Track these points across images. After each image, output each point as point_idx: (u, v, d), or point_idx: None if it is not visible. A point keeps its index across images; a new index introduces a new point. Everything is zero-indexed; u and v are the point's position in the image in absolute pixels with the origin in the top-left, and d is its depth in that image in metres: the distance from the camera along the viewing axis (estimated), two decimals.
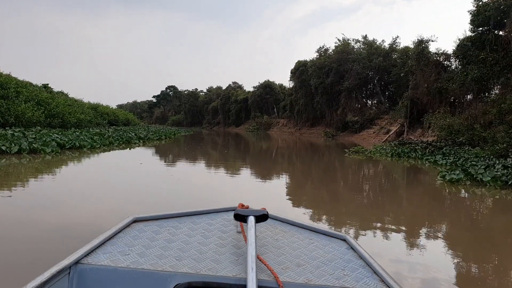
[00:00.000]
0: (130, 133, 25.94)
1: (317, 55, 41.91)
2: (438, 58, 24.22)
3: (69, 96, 36.34)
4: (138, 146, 20.24)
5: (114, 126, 40.06)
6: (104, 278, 1.40)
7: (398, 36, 40.29)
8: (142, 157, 16.34)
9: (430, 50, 24.91)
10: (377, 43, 36.82)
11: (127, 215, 1.93)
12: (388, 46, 36.45)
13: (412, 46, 33.85)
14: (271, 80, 64.26)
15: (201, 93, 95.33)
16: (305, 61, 45.57)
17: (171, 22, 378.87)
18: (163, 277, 1.40)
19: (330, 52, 40.15)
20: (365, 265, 1.54)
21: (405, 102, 27.04)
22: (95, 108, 37.21)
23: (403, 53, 33.84)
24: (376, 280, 1.42)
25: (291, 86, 53.34)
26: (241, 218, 1.69)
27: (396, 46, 36.21)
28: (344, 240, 1.80)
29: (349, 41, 38.28)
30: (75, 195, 7.25)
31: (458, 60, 22.97)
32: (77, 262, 1.43)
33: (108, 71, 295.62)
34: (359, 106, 36.36)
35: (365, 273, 1.48)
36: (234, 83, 78.86)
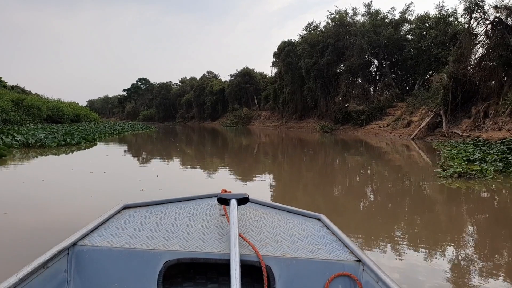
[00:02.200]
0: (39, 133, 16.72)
1: (305, 34, 33.39)
2: (500, 13, 16.04)
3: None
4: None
5: (54, 124, 30.72)
6: (100, 258, 1.50)
7: (412, 3, 31.95)
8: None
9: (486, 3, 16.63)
10: (384, 12, 28.61)
11: None
12: (399, 15, 28.33)
13: (435, 12, 26.01)
14: (250, 67, 55.52)
15: (174, 86, 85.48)
16: (292, 40, 37.03)
17: (146, 14, 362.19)
18: (154, 255, 1.49)
19: (322, 29, 31.70)
20: (337, 240, 1.66)
21: (444, 81, 18.90)
22: (21, 101, 27.55)
23: (420, 22, 25.73)
24: (346, 252, 1.55)
25: (274, 73, 44.77)
26: (224, 201, 1.77)
27: (408, 15, 28.18)
28: (319, 219, 1.91)
29: (347, 12, 29.90)
30: None
31: None
32: (74, 244, 1.51)
33: (80, 66, 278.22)
34: (364, 92, 28.12)
35: (337, 246, 1.60)
36: (209, 72, 69.60)
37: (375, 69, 29.51)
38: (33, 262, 1.27)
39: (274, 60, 43.07)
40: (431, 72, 25.62)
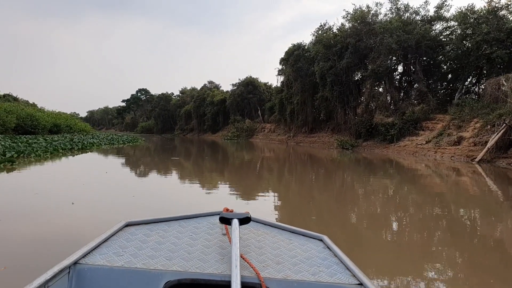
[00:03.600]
0: None
1: (315, 37, 28.50)
2: None
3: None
4: None
5: (26, 136, 25.83)
6: (101, 277, 1.46)
7: None
8: None
9: None
10: (415, 7, 23.81)
11: None
12: (434, 10, 23.51)
13: (481, 5, 21.16)
14: (254, 77, 50.81)
15: (174, 97, 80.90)
16: (302, 44, 32.27)
17: (151, 28, 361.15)
18: (155, 275, 1.45)
19: (336, 31, 26.82)
20: (339, 262, 1.62)
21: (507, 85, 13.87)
22: None
23: (462, 18, 20.86)
24: (348, 275, 1.50)
25: (280, 82, 39.96)
26: (225, 221, 1.74)
27: (444, 11, 23.36)
28: (321, 240, 1.87)
29: (370, 8, 25.08)
30: None
31: None
32: (75, 262, 1.48)
33: (82, 77, 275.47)
34: (393, 101, 23.08)
35: (338, 269, 1.56)
36: (210, 82, 64.95)
37: (404, 74, 24.52)
38: (34, 282, 1.25)
39: (280, 68, 38.30)
40: (478, 77, 20.66)
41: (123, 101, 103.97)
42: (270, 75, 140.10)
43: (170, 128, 75.36)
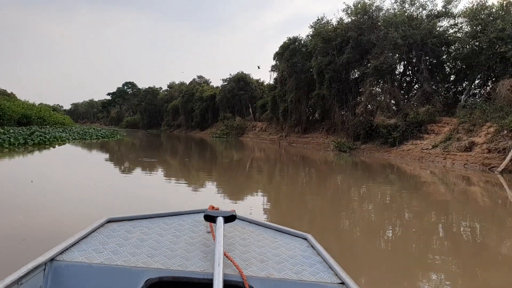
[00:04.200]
0: None
1: (314, 29, 26.56)
2: None
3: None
4: None
5: None
6: (79, 274, 1.41)
7: None
8: None
9: None
10: (421, 1, 22.13)
11: None
12: (442, 3, 21.89)
13: (496, 1, 19.62)
14: (246, 72, 48.77)
15: (162, 91, 78.14)
16: (298, 38, 30.39)
17: (143, 22, 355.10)
18: (135, 272, 1.42)
19: (333, 24, 24.96)
20: (322, 261, 1.62)
21: None
22: None
23: (473, 14, 19.28)
24: (330, 274, 1.50)
25: (273, 79, 38.08)
26: (210, 218, 1.70)
27: (452, 7, 21.79)
28: (306, 239, 1.87)
29: (372, 1, 23.30)
30: None
31: None
32: (52, 259, 1.42)
33: (70, 70, 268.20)
34: (396, 102, 21.35)
35: (321, 268, 1.56)
36: (200, 77, 62.64)
37: (408, 73, 22.87)
38: (6, 279, 1.19)
39: (274, 63, 36.42)
40: (487, 78, 19.12)
41: (108, 94, 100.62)
42: (263, 74, 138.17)
43: (156, 124, 72.70)
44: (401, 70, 22.89)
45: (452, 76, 22.15)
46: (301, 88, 29.07)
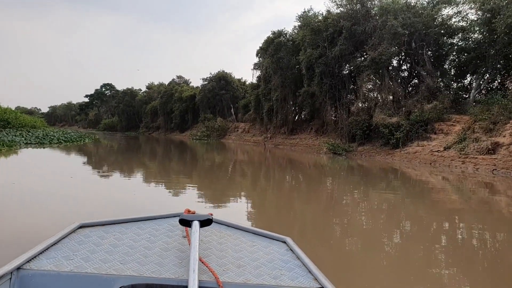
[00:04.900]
0: None
1: (302, 19, 23.80)
2: None
3: None
4: None
5: None
6: (47, 283, 1.34)
7: None
8: None
9: None
10: None
11: None
12: None
13: None
14: (227, 71, 45.67)
15: (140, 93, 74.10)
16: (283, 31, 27.56)
17: (123, 23, 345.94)
18: (106, 280, 1.35)
19: (324, 11, 22.27)
20: (302, 265, 1.55)
21: None
22: None
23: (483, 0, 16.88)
24: (310, 278, 1.44)
25: (256, 77, 35.15)
26: (186, 223, 1.64)
27: None
28: (285, 242, 1.80)
29: None
30: None
31: None
32: (18, 268, 1.35)
33: (48, 72, 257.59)
34: (396, 98, 18.73)
35: (300, 272, 1.49)
36: (179, 77, 59.10)
37: (409, 66, 20.34)
38: None
39: (257, 61, 33.52)
40: (500, 71, 16.76)
41: (86, 96, 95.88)
42: (244, 74, 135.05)
43: (135, 126, 68.75)
44: (400, 63, 20.37)
45: (453, 70, 19.82)
46: (287, 85, 26.30)
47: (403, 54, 19.83)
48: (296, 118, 27.94)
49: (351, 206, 7.52)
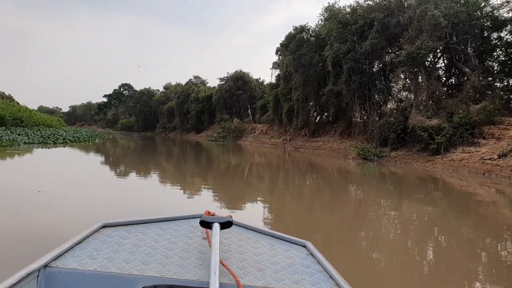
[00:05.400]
0: None
1: (328, 11, 21.81)
2: None
3: None
4: None
5: None
6: (72, 281, 1.35)
7: None
8: None
9: None
10: None
11: None
12: None
13: None
14: (245, 71, 43.97)
15: (157, 92, 73.32)
16: (306, 26, 25.60)
17: (141, 24, 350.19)
18: (129, 280, 1.35)
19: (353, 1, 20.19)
20: (323, 270, 1.51)
21: None
22: None
23: None
24: (331, 284, 1.40)
25: (275, 76, 33.35)
26: (206, 224, 1.61)
27: None
28: (305, 246, 1.77)
29: None
30: None
31: None
32: (45, 265, 1.36)
33: (69, 72, 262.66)
34: (437, 98, 16.49)
35: (321, 277, 1.46)
36: (196, 77, 57.74)
37: (450, 61, 18.05)
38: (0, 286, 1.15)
39: (277, 59, 31.68)
40: None
41: (104, 96, 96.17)
42: (262, 75, 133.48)
43: (152, 126, 67.96)
44: (435, 59, 18.12)
45: (499, 66, 17.46)
46: (309, 84, 24.32)
47: (440, 48, 17.61)
48: (318, 119, 25.90)
49: (381, 218, 6.54)
